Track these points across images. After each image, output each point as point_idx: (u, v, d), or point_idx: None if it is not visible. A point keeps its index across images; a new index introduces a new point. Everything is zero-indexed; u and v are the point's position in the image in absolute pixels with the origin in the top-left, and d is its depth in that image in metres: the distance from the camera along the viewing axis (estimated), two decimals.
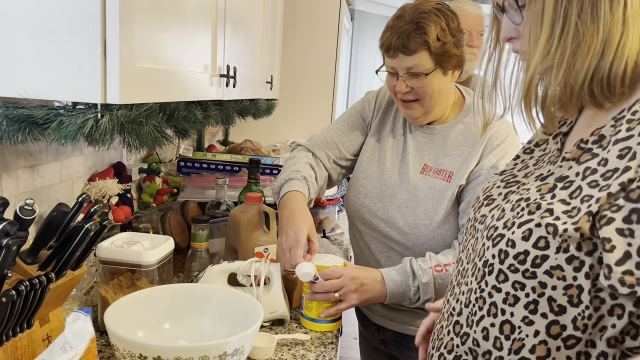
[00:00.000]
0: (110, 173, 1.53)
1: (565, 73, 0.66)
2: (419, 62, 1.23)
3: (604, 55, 0.64)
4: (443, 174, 1.31)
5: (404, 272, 1.23)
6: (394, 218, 1.33)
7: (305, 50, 2.83)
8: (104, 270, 1.17)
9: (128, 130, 0.93)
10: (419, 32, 1.21)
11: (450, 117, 1.36)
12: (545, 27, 0.66)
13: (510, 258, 0.67)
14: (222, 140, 2.83)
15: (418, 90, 1.27)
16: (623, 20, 0.63)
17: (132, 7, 0.87)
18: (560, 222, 0.64)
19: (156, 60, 0.99)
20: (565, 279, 0.63)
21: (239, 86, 1.61)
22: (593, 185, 0.63)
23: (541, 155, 0.83)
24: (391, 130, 1.42)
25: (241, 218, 1.35)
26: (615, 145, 0.63)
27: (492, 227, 0.72)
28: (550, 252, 0.64)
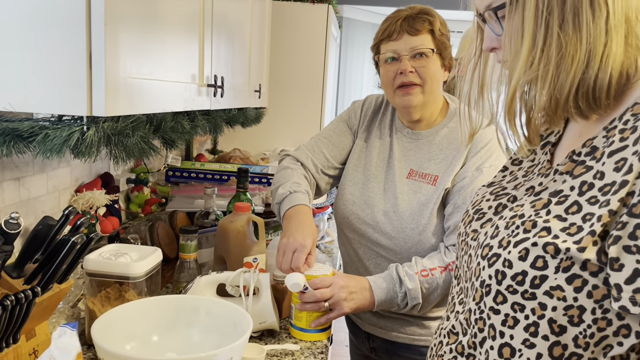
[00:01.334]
0: (98, 184, 1.53)
1: (550, 85, 0.65)
2: (423, 42, 1.29)
3: (588, 67, 0.63)
4: (428, 177, 1.32)
5: (390, 279, 1.23)
6: (381, 223, 1.34)
7: (293, 59, 2.83)
8: (92, 283, 1.16)
9: (114, 142, 0.93)
10: (425, 16, 1.29)
11: (436, 121, 1.38)
12: (526, 39, 0.65)
13: (508, 279, 0.66)
14: (210, 149, 2.82)
15: (420, 71, 1.30)
16: (606, 30, 0.62)
17: (117, 19, 0.86)
18: (559, 240, 0.62)
19: (142, 72, 0.99)
20: (566, 299, 0.62)
21: (227, 95, 1.61)
22: (593, 202, 0.62)
23: (530, 167, 0.83)
24: (377, 137, 1.43)
25: (230, 228, 1.34)
26: (610, 158, 0.62)
27: (487, 246, 0.70)
28: (549, 272, 0.62)
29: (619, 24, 0.62)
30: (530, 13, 0.64)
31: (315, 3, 2.75)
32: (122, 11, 0.89)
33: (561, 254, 0.62)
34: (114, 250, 1.19)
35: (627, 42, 0.63)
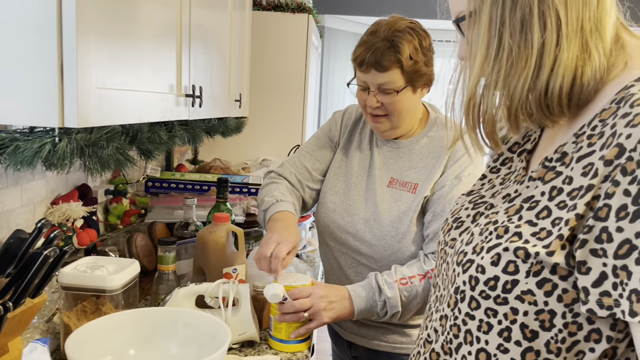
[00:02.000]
0: (75, 195, 1.50)
1: (501, 92, 0.67)
2: (391, 79, 1.26)
3: (539, 75, 0.65)
4: (408, 185, 1.33)
5: (369, 288, 1.23)
6: (361, 231, 1.34)
7: (274, 68, 2.83)
8: (67, 296, 1.14)
9: (88, 153, 0.92)
10: (393, 50, 1.24)
11: (416, 131, 1.39)
12: (481, 47, 0.67)
13: (481, 284, 0.66)
14: (191, 159, 2.80)
15: (388, 106, 1.29)
16: (557, 42, 0.63)
17: (90, 29, 0.86)
18: (530, 245, 0.63)
19: (117, 82, 0.98)
20: (537, 303, 0.62)
21: (206, 105, 1.61)
22: (562, 207, 0.62)
23: (507, 174, 0.84)
24: (358, 146, 1.44)
25: (209, 239, 1.33)
26: (578, 163, 0.63)
27: (462, 252, 0.71)
28: (520, 276, 0.63)
29: (572, 35, 0.63)
30: (485, 24, 0.66)
31: (296, 13, 2.76)
32: (95, 21, 0.88)
33: (531, 259, 0.62)
34: (90, 262, 1.17)
35: (582, 52, 0.64)
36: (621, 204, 0.56)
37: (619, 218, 0.56)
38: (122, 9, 0.99)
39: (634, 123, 0.57)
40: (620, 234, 0.56)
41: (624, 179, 0.56)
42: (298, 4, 2.75)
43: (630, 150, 0.56)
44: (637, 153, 0.55)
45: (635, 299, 0.54)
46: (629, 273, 0.55)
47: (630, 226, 0.55)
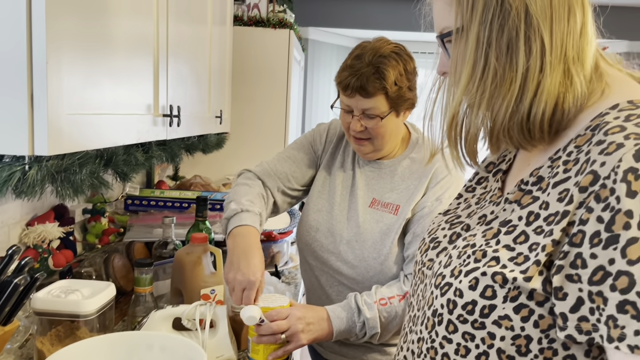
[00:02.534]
0: (51, 216, 1.49)
1: (484, 113, 0.68)
2: (375, 105, 1.26)
3: (522, 100, 0.65)
4: (390, 207, 1.33)
5: (349, 309, 1.23)
6: (343, 252, 1.34)
7: (256, 83, 2.84)
8: (41, 322, 1.12)
9: (60, 179, 0.91)
10: (378, 76, 1.24)
11: (398, 152, 1.40)
12: (467, 67, 0.68)
13: (459, 308, 0.67)
14: (172, 175, 2.79)
15: (371, 130, 1.30)
16: (541, 67, 0.64)
17: (61, 57, 0.85)
18: (507, 270, 0.63)
19: (90, 107, 0.97)
20: (514, 329, 0.63)
21: (185, 123, 1.60)
22: (538, 232, 0.63)
23: (483, 194, 0.84)
24: (341, 165, 1.44)
25: (186, 260, 1.33)
26: (554, 188, 0.64)
27: (440, 275, 0.71)
28: (498, 301, 0.64)
29: (555, 62, 0.65)
30: (472, 44, 0.67)
31: (277, 28, 2.77)
32: (68, 47, 0.88)
33: (509, 284, 0.63)
34: (65, 286, 1.16)
35: (564, 80, 0.65)
36: (595, 230, 0.57)
37: (592, 244, 0.57)
38: (95, 33, 0.99)
39: (608, 151, 0.58)
40: (594, 260, 0.56)
41: (597, 205, 0.57)
42: (279, 19, 2.76)
43: (604, 177, 0.57)
44: (611, 181, 0.56)
45: (612, 325, 0.55)
46: (604, 299, 0.56)
47: (604, 253, 0.56)
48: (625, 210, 0.54)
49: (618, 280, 0.54)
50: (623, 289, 0.54)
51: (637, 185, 0.54)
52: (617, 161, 0.56)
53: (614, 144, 0.58)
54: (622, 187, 0.55)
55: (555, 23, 0.64)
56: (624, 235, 0.54)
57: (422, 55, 5.81)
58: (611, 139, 0.59)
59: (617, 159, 0.56)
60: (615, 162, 0.56)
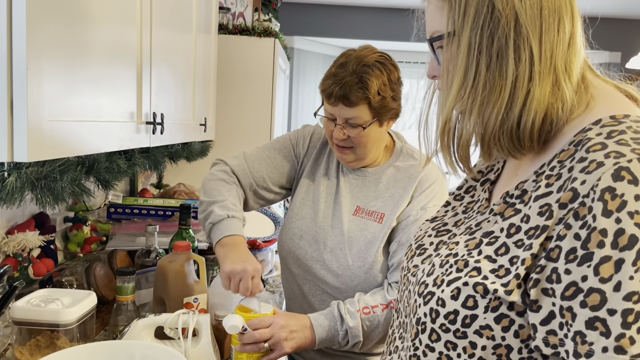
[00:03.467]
0: (31, 224, 1.47)
1: (475, 119, 0.68)
2: (358, 114, 1.26)
3: (512, 107, 0.66)
4: (375, 215, 1.33)
5: (332, 317, 1.23)
6: (328, 260, 1.34)
7: (241, 91, 2.84)
8: (20, 331, 1.11)
9: (40, 186, 0.90)
10: (361, 85, 1.23)
11: (382, 160, 1.40)
12: (458, 73, 0.68)
13: (442, 317, 0.67)
14: (156, 183, 2.77)
15: (354, 139, 1.30)
16: (530, 76, 0.65)
17: (42, 62, 0.85)
18: (488, 281, 0.64)
19: (72, 114, 0.97)
20: (494, 338, 0.64)
21: (169, 131, 1.59)
22: (519, 245, 0.64)
23: (470, 202, 0.85)
24: (325, 172, 1.43)
25: (169, 268, 1.32)
26: (535, 202, 0.64)
27: (423, 284, 0.72)
28: (479, 311, 0.64)
29: (545, 71, 0.65)
30: (464, 50, 0.67)
31: (262, 37, 2.78)
32: (48, 53, 0.87)
33: (490, 294, 0.63)
34: (44, 295, 1.14)
35: (554, 90, 0.66)
36: (571, 246, 0.57)
37: (567, 260, 0.57)
38: (77, 39, 0.99)
39: (589, 170, 0.58)
40: (568, 276, 0.57)
41: (575, 222, 0.58)
42: (265, 28, 2.77)
43: (583, 196, 0.58)
44: (590, 199, 0.57)
45: (579, 341, 0.56)
46: (573, 315, 0.56)
47: (578, 269, 0.56)
48: (600, 228, 0.55)
49: (589, 297, 0.55)
50: (594, 305, 0.55)
51: (613, 204, 0.55)
52: (596, 179, 0.57)
53: (595, 163, 0.58)
54: (598, 205, 0.56)
55: (544, 33, 0.65)
56: (597, 253, 0.55)
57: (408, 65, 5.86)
58: (592, 156, 0.59)
59: (596, 178, 0.57)
60: (595, 181, 0.57)
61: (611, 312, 0.54)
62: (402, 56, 5.80)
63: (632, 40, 4.93)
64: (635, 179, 0.55)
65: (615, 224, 0.54)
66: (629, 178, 0.55)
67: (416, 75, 5.90)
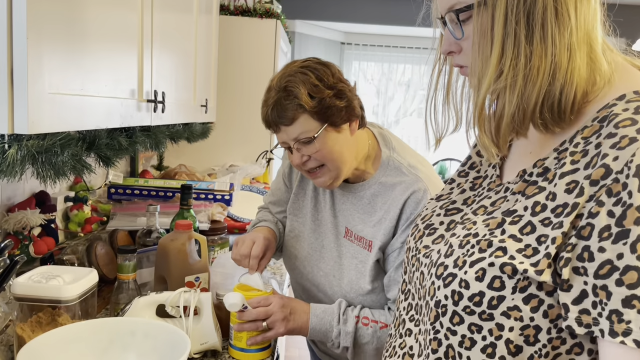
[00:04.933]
0: (32, 203, 1.46)
1: (518, 95, 0.64)
2: (302, 128, 1.14)
3: (554, 80, 0.63)
4: (364, 241, 1.25)
5: (331, 312, 1.21)
6: (322, 285, 1.31)
7: (242, 73, 2.82)
8: (21, 308, 1.10)
9: (41, 160, 0.89)
10: (289, 97, 1.13)
11: (367, 173, 1.27)
12: (495, 47, 0.64)
13: (465, 299, 0.65)
14: (156, 164, 2.76)
15: (315, 156, 1.17)
16: (569, 45, 0.62)
17: (42, 33, 0.83)
18: (517, 261, 0.62)
19: (72, 87, 0.95)
20: (523, 319, 0.62)
21: (170, 111, 1.58)
22: (546, 224, 0.62)
23: (476, 178, 0.82)
24: (314, 187, 1.35)
25: (170, 247, 1.31)
26: (562, 179, 0.63)
27: (442, 265, 0.69)
28: (507, 292, 0.62)
29: (582, 41, 0.63)
30: (500, 22, 0.63)
31: (264, 18, 2.75)
32: (49, 24, 0.86)
33: (518, 275, 0.62)
34: (46, 272, 1.14)
35: (589, 62, 0.64)
36: (605, 224, 0.56)
37: (601, 238, 0.56)
38: (78, 12, 0.97)
39: (621, 145, 0.57)
40: (602, 254, 0.56)
41: (608, 199, 0.56)
42: (266, 9, 2.74)
43: (616, 172, 0.56)
44: (624, 175, 0.56)
45: (616, 320, 0.55)
46: (608, 293, 0.55)
47: (613, 247, 0.55)
48: (637, 205, 0.54)
49: (626, 275, 0.54)
50: (631, 284, 0.54)
51: None
52: (631, 155, 0.56)
53: (627, 138, 0.57)
54: (634, 182, 0.55)
55: (578, 1, 0.63)
56: (634, 231, 0.54)
57: (410, 50, 5.82)
58: (623, 132, 0.58)
59: (630, 154, 0.56)
60: (629, 157, 0.56)
61: None
62: (404, 41, 5.75)
63: (635, 25, 4.89)
64: None
65: None
66: None
67: (418, 61, 5.86)
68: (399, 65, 5.91)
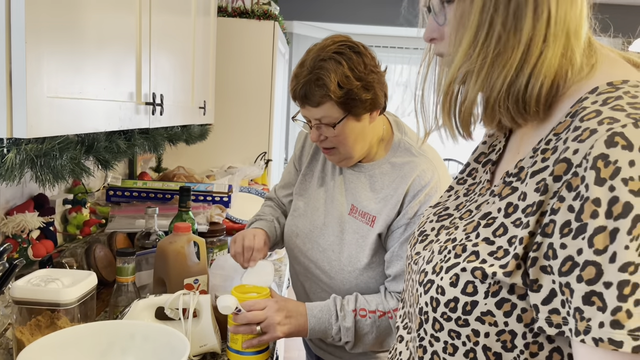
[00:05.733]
0: (30, 206, 1.46)
1: (483, 80, 0.64)
2: (326, 113, 1.18)
3: (522, 69, 0.62)
4: (367, 217, 1.27)
5: (327, 310, 1.21)
6: (320, 261, 1.32)
7: (240, 74, 2.82)
8: (20, 311, 1.10)
9: (40, 164, 0.89)
10: (319, 83, 1.15)
11: (378, 154, 1.31)
12: (469, 31, 0.64)
13: (442, 306, 0.65)
14: (155, 166, 2.76)
15: (332, 139, 1.23)
16: (545, 37, 0.62)
17: (41, 37, 0.83)
18: (487, 264, 0.61)
19: (71, 91, 0.95)
20: (497, 324, 0.61)
21: (168, 113, 1.58)
22: (517, 224, 0.61)
23: (471, 184, 0.82)
24: (322, 169, 1.39)
25: (169, 249, 1.31)
26: (532, 178, 0.61)
27: (423, 272, 0.69)
28: (479, 297, 0.62)
29: (558, 34, 0.62)
30: (478, 6, 0.63)
31: (262, 20, 2.76)
32: (47, 27, 0.86)
33: (488, 279, 0.61)
34: (45, 275, 1.14)
35: (563, 54, 0.63)
36: (565, 219, 0.55)
37: (562, 234, 0.55)
38: (76, 15, 0.97)
39: (582, 138, 0.55)
40: (564, 251, 0.54)
41: (568, 194, 0.55)
42: (264, 11, 2.74)
43: (576, 165, 0.55)
44: (582, 169, 0.54)
45: (578, 318, 0.53)
46: (571, 291, 0.54)
47: (573, 242, 0.54)
48: (593, 198, 0.52)
49: (585, 271, 0.52)
50: (590, 279, 0.52)
51: (606, 172, 0.52)
52: (589, 148, 0.54)
53: (588, 130, 0.55)
54: (591, 174, 0.53)
55: None
56: (591, 224, 0.52)
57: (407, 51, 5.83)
58: (586, 125, 0.56)
59: (589, 146, 0.54)
60: (587, 149, 0.54)
61: (607, 285, 0.51)
62: (401, 42, 5.76)
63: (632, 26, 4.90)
64: (629, 144, 0.52)
65: (609, 192, 0.51)
66: (623, 143, 0.52)
67: (416, 62, 5.87)
68: (396, 65, 5.91)
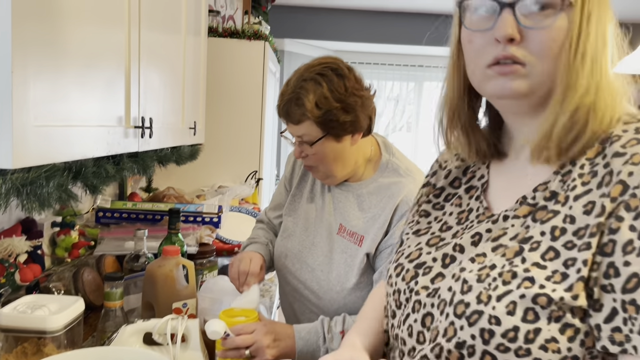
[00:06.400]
0: (18, 230, 1.45)
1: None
2: (306, 131, 1.23)
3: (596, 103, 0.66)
4: (355, 236, 1.29)
5: (315, 332, 1.21)
6: (309, 281, 1.33)
7: (231, 94, 2.83)
8: (7, 338, 1.09)
9: (26, 193, 0.89)
10: (298, 103, 1.20)
11: (366, 174, 1.34)
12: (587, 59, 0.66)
13: (498, 337, 0.62)
14: (145, 187, 2.75)
15: (311, 156, 1.26)
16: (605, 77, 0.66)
17: (27, 64, 0.83)
18: (548, 289, 0.61)
19: (58, 118, 0.95)
20: (560, 351, 0.60)
21: (158, 135, 1.58)
22: (570, 247, 0.62)
23: (460, 212, 0.80)
24: (311, 189, 1.41)
25: (157, 273, 1.30)
26: (576, 201, 0.63)
27: (461, 303, 0.66)
28: (542, 324, 0.60)
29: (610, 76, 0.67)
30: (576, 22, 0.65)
31: (252, 40, 2.78)
32: (34, 56, 0.86)
33: (552, 305, 0.60)
34: (31, 302, 1.13)
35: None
36: (627, 239, 0.57)
37: (625, 252, 0.57)
38: (64, 42, 0.98)
39: (634, 161, 0.59)
40: (628, 268, 0.57)
41: (627, 214, 0.58)
42: (255, 31, 2.76)
43: (633, 187, 0.58)
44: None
45: None
46: (637, 307, 0.55)
47: (637, 260, 0.56)
48: None
49: None
50: None
51: None
52: None
53: (638, 155, 0.60)
54: None
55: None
56: None
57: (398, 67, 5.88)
58: (632, 150, 0.61)
59: None
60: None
61: None
62: (392, 59, 5.81)
63: None
64: None
65: None
66: None
67: (405, 78, 5.92)
68: (387, 82, 5.96)
